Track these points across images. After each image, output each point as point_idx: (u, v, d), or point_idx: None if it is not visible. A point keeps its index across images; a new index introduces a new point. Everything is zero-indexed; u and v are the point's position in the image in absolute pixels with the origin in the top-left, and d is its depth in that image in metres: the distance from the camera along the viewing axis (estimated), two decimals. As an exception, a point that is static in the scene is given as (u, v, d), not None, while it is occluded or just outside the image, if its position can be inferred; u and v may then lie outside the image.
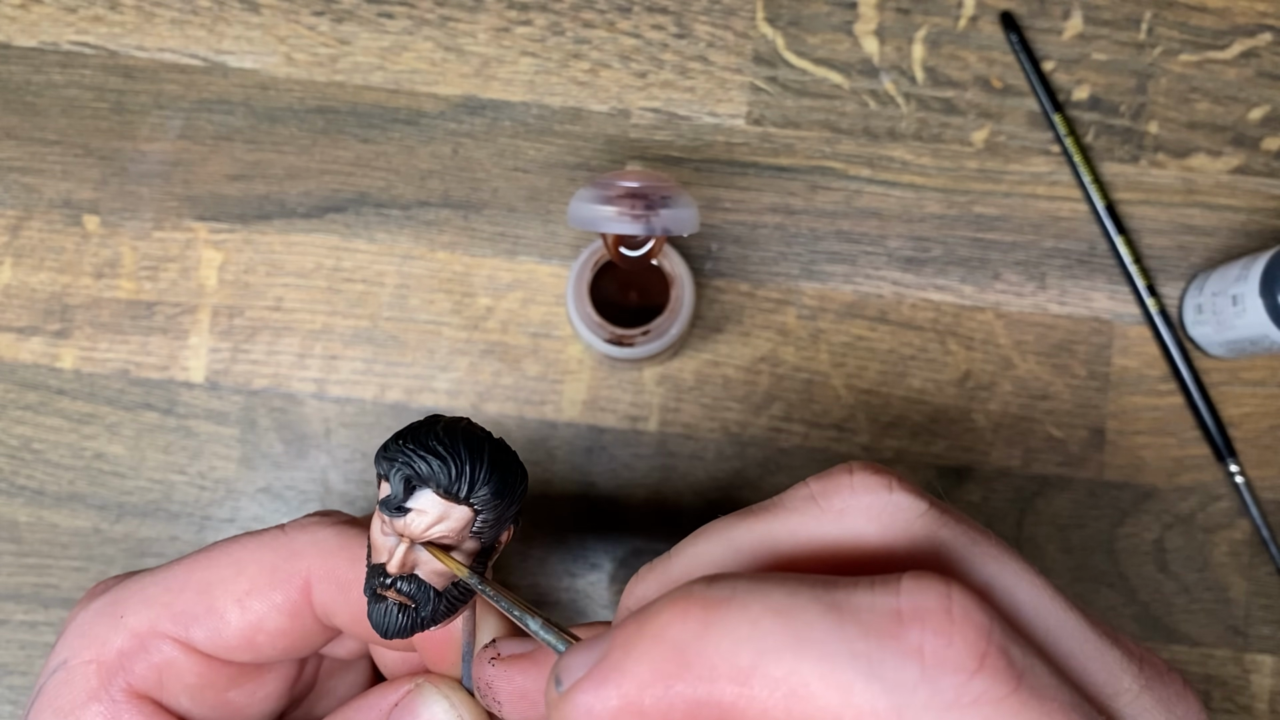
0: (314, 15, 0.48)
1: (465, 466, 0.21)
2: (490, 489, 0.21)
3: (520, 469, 0.22)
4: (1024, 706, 0.15)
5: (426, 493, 0.21)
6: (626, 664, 0.16)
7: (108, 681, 0.23)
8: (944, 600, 0.15)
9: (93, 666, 0.23)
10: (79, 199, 0.48)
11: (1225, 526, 0.47)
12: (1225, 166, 0.48)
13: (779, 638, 0.15)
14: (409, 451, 0.21)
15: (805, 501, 0.19)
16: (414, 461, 0.21)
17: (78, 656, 0.23)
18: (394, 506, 0.21)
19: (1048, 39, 0.49)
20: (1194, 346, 0.48)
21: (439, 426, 0.21)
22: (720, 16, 0.48)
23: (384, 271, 0.48)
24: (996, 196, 0.48)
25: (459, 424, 0.22)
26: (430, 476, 0.21)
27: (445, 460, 0.21)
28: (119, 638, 0.23)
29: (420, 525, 0.21)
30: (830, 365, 0.48)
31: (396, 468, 0.21)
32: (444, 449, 0.21)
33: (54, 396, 0.47)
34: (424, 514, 0.21)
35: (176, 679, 0.23)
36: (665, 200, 0.36)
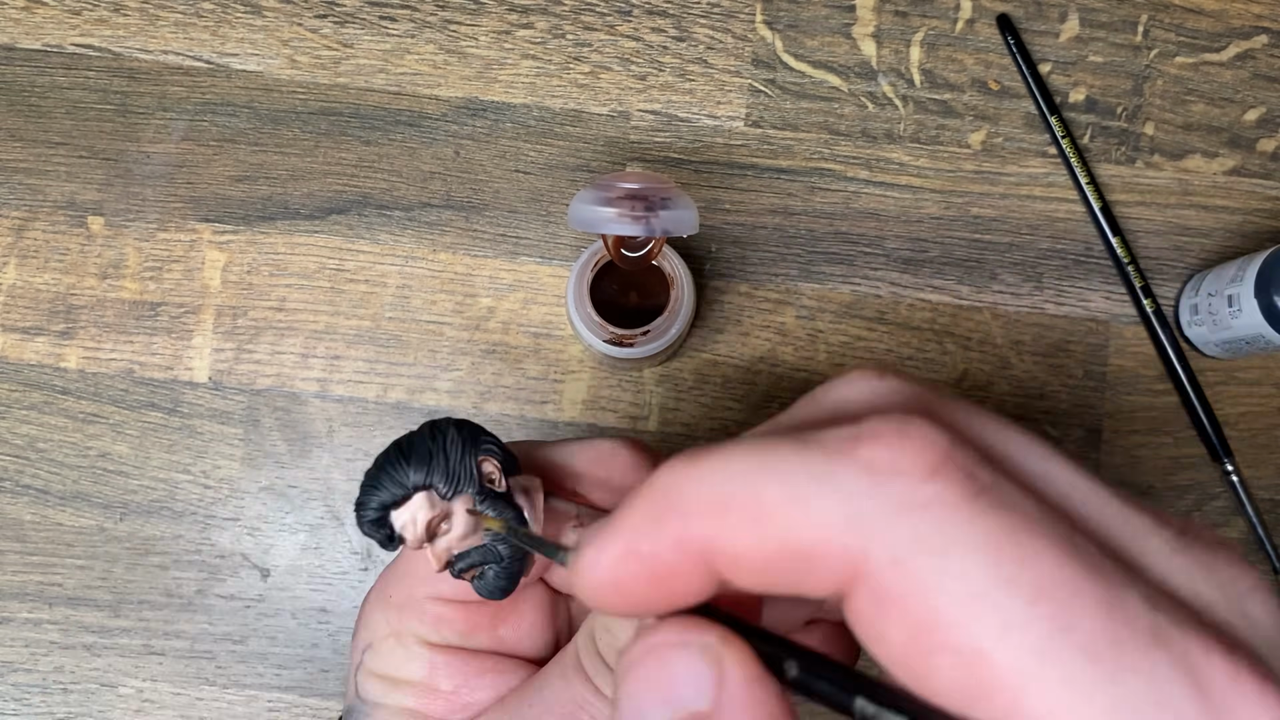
0: (317, 18, 0.49)
1: (385, 477, 0.25)
2: (413, 469, 0.25)
3: (434, 434, 0.25)
4: (981, 514, 0.15)
5: (392, 515, 0.25)
6: (624, 519, 0.17)
7: (408, 646, 0.28)
8: (900, 423, 0.16)
9: (391, 640, 0.28)
10: (84, 200, 0.48)
11: (1221, 525, 0.48)
12: (1221, 168, 0.49)
13: (748, 469, 0.16)
14: (360, 508, 0.25)
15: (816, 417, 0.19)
16: (364, 510, 0.25)
17: (378, 634, 0.28)
18: (386, 544, 0.25)
19: (1044, 41, 0.49)
20: (1190, 346, 0.48)
21: (364, 477, 0.25)
22: (719, 19, 0.49)
23: (386, 272, 0.48)
24: (993, 198, 0.48)
25: (376, 460, 0.25)
26: (378, 507, 0.25)
27: (374, 489, 0.25)
28: (395, 613, 0.28)
29: (414, 533, 0.25)
30: (829, 365, 0.48)
31: (362, 523, 0.25)
32: (369, 483, 0.25)
33: (58, 396, 0.48)
34: (406, 526, 0.25)
35: (449, 627, 0.28)
36: (665, 201, 0.37)
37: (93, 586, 0.47)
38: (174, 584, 0.47)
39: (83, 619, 0.47)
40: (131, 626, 0.47)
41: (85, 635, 0.47)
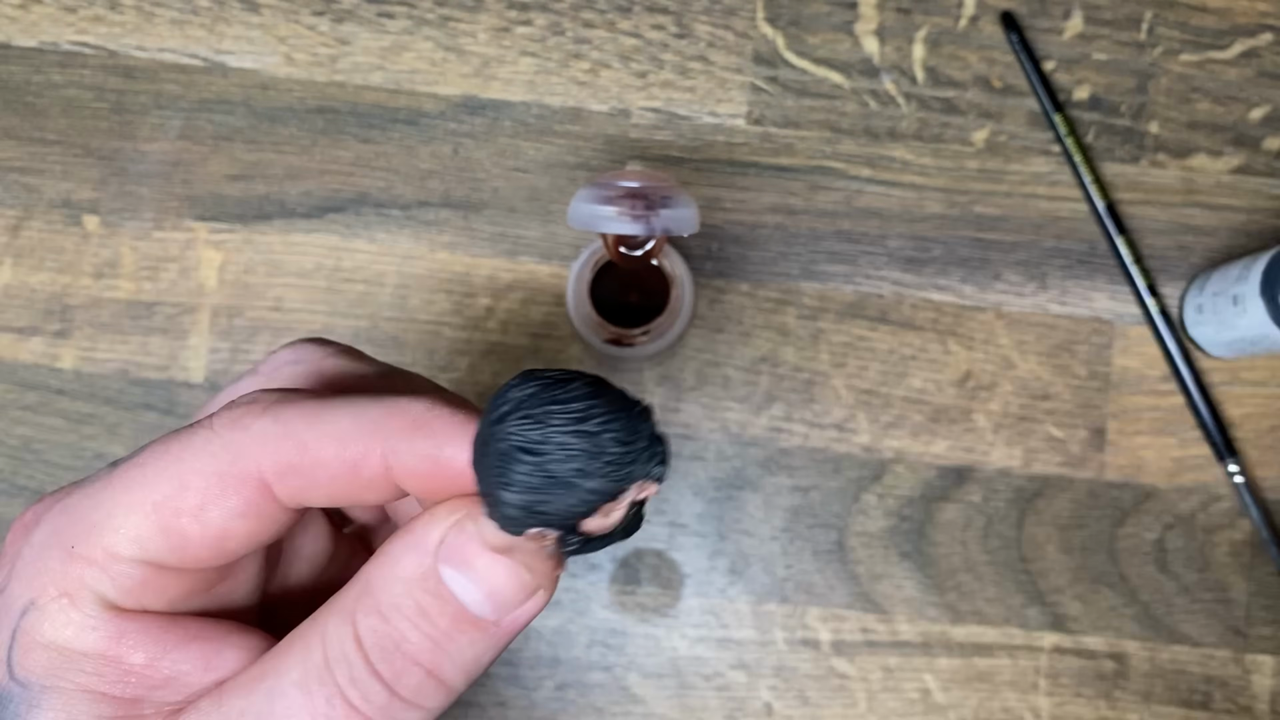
0: (314, 15, 0.48)
1: (611, 467, 0.19)
2: (648, 460, 0.20)
3: (632, 407, 0.20)
4: None
5: (604, 509, 0.20)
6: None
7: (85, 608, 0.22)
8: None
9: (64, 600, 0.22)
10: (79, 199, 0.48)
11: (1226, 527, 0.47)
12: (1226, 166, 0.48)
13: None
14: (567, 505, 0.20)
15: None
16: (573, 507, 0.19)
17: (43, 594, 0.22)
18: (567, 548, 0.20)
19: (1048, 39, 0.49)
20: (1195, 346, 0.48)
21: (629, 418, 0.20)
22: (720, 16, 0.48)
23: (384, 272, 0.48)
24: (997, 196, 0.48)
25: (638, 411, 0.20)
26: (597, 499, 0.19)
27: (602, 473, 0.19)
28: (78, 567, 0.22)
29: (607, 524, 0.20)
30: (830, 365, 0.48)
31: (609, 483, 0.19)
32: (595, 468, 0.19)
33: (54, 397, 0.47)
34: (610, 516, 0.20)
35: (154, 594, 0.22)
36: (665, 200, 0.36)
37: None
38: (170, 586, 0.47)
39: (78, 621, 0.47)
40: (127, 629, 0.46)
41: (80, 638, 0.46)
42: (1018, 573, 0.47)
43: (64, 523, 0.22)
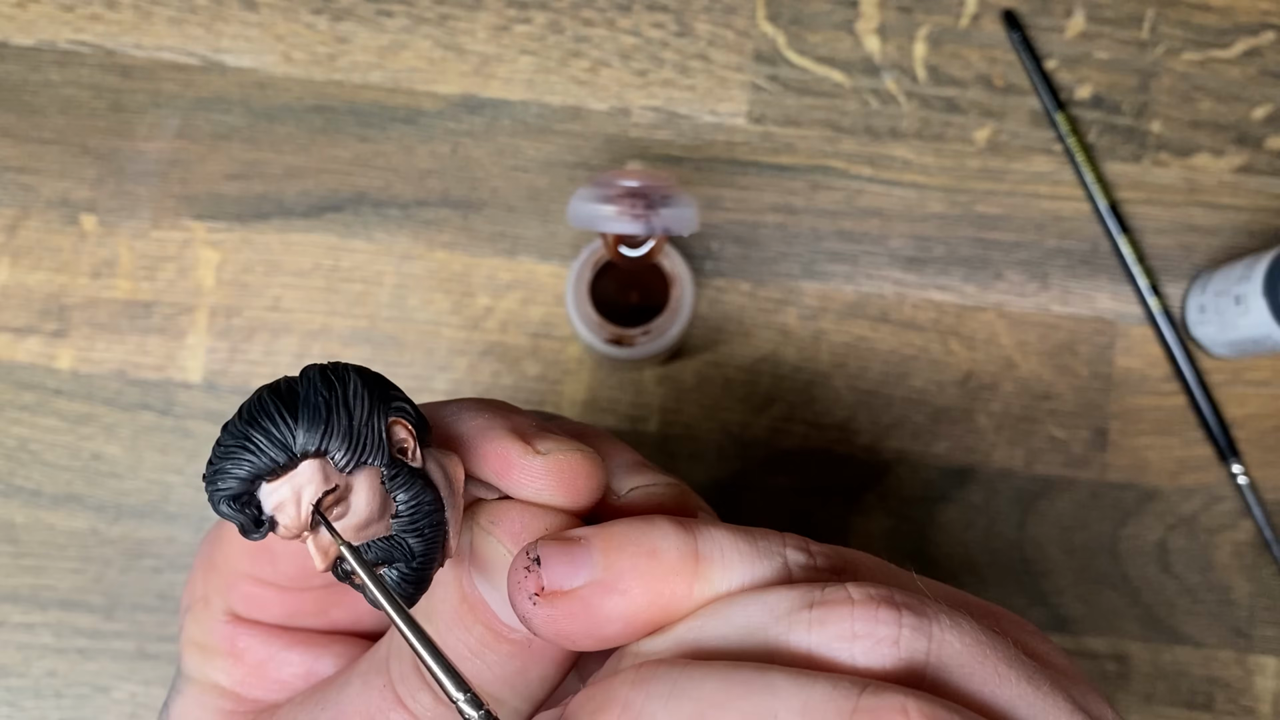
0: (312, 14, 0.48)
1: (260, 437, 0.18)
2: (304, 427, 0.18)
3: (330, 381, 0.19)
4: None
5: (264, 489, 0.18)
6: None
7: (213, 613, 0.25)
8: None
9: (201, 605, 0.25)
10: (76, 198, 0.47)
11: (1228, 527, 0.47)
12: (1228, 166, 0.48)
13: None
14: (212, 477, 0.18)
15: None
16: (219, 479, 0.18)
17: (194, 600, 0.25)
18: (252, 530, 0.18)
19: (1050, 37, 0.48)
20: (1197, 346, 0.48)
21: (222, 431, 0.19)
22: (721, 15, 0.48)
23: (382, 271, 0.47)
24: (999, 196, 0.48)
25: (240, 408, 0.19)
26: (243, 479, 0.18)
27: (241, 451, 0.18)
28: (213, 578, 0.25)
29: (291, 516, 0.18)
30: (831, 365, 0.47)
31: (213, 498, 0.18)
32: (233, 443, 0.18)
33: (51, 397, 0.47)
34: (282, 507, 0.18)
35: (266, 609, 0.24)
36: (665, 199, 0.36)
37: (86, 590, 0.46)
38: (168, 587, 0.46)
39: (76, 622, 0.46)
40: (125, 630, 0.46)
41: (78, 639, 0.46)
42: (1019, 573, 0.47)
43: (214, 535, 0.25)
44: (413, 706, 0.21)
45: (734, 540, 0.20)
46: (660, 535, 0.19)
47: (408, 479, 0.19)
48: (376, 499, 0.19)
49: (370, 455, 0.18)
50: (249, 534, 0.18)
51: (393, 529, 0.19)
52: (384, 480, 0.19)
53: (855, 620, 0.18)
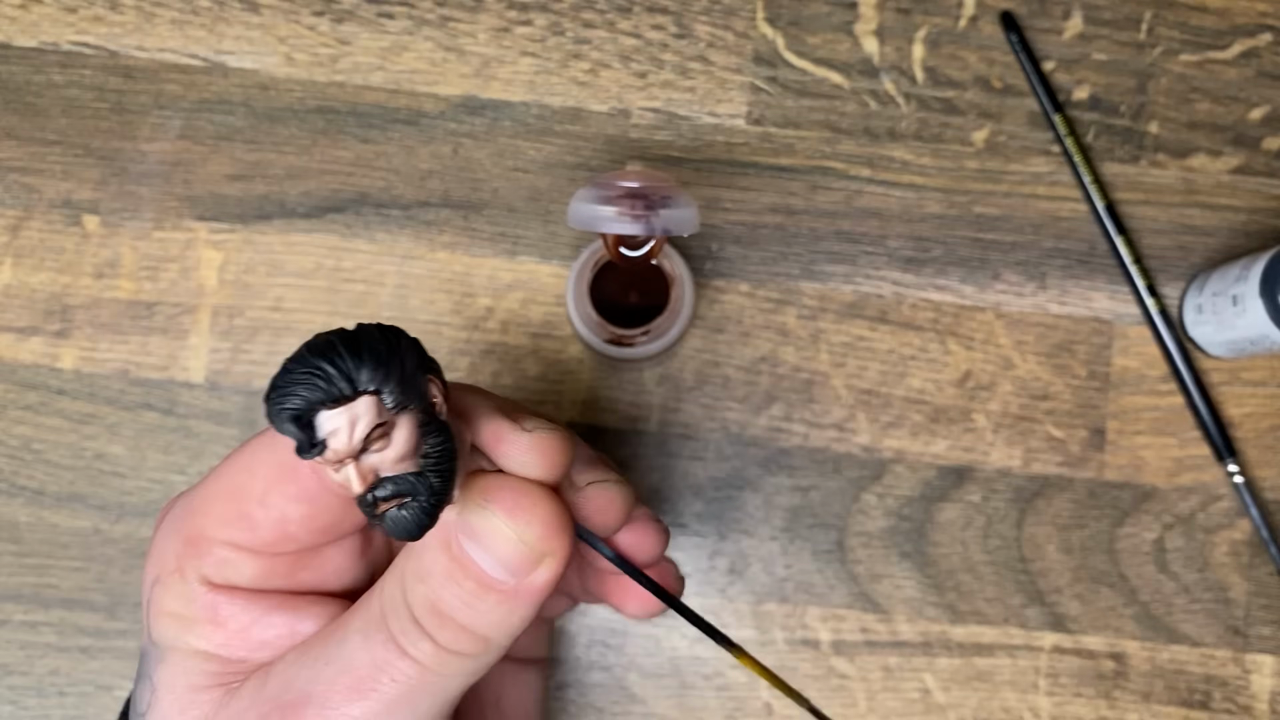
0: (314, 15, 0.48)
1: (330, 369, 0.21)
2: (368, 367, 0.21)
3: (387, 335, 0.22)
4: None
5: (321, 415, 0.21)
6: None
7: (189, 582, 0.26)
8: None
9: (176, 575, 0.26)
10: (79, 199, 0.48)
11: (1225, 527, 0.47)
12: (1225, 166, 0.48)
13: None
14: (279, 396, 0.21)
15: None
16: (286, 399, 0.21)
17: (164, 571, 0.26)
18: (307, 449, 0.21)
19: (1048, 39, 0.49)
20: (1194, 346, 0.48)
21: (288, 361, 0.21)
22: (720, 16, 0.48)
23: (384, 272, 0.48)
24: (997, 196, 0.48)
25: (305, 345, 0.22)
26: (310, 402, 0.21)
27: (311, 377, 0.21)
28: (185, 548, 0.26)
29: (343, 442, 0.21)
30: (830, 365, 0.48)
31: (277, 415, 0.21)
32: (303, 370, 0.21)
33: (54, 397, 0.47)
34: (337, 432, 0.21)
35: (239, 572, 0.26)
36: (665, 200, 0.36)
37: (89, 588, 0.47)
38: (170, 586, 0.47)
39: (79, 621, 0.47)
40: (128, 629, 0.47)
41: (81, 638, 0.47)
42: (1017, 573, 0.47)
43: (180, 509, 0.27)
44: (415, 654, 0.24)
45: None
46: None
47: (438, 427, 0.22)
48: (414, 438, 0.22)
49: (413, 401, 0.22)
50: (303, 452, 0.21)
51: (420, 467, 0.22)
52: (420, 425, 0.22)
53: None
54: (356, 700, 0.24)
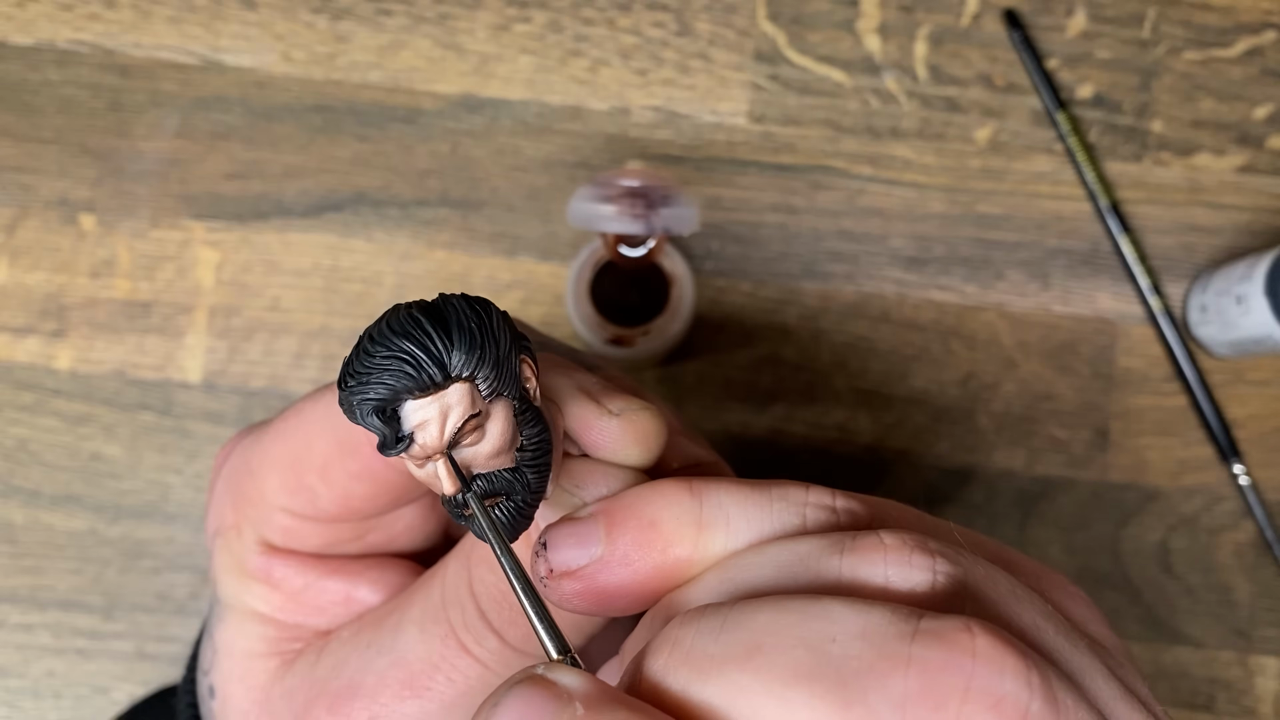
0: (311, 13, 0.48)
1: (419, 351, 0.18)
2: (462, 350, 0.18)
3: (477, 309, 0.19)
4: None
5: (409, 406, 0.18)
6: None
7: (247, 542, 0.25)
8: (973, 637, 0.16)
9: (234, 532, 0.25)
10: (75, 198, 0.47)
11: (1230, 528, 0.47)
12: (1230, 165, 0.48)
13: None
14: (358, 386, 0.18)
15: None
16: (367, 387, 0.18)
17: (224, 524, 0.25)
18: (392, 445, 0.18)
19: (1051, 36, 0.48)
20: (1198, 346, 0.47)
21: (365, 341, 0.18)
22: (721, 14, 0.48)
23: (382, 271, 0.47)
24: (1000, 195, 0.48)
25: (384, 322, 0.19)
26: (396, 391, 0.18)
27: (397, 360, 0.18)
28: (243, 506, 0.24)
29: (433, 436, 0.18)
30: (832, 365, 0.47)
31: (358, 406, 0.18)
32: (385, 354, 0.18)
33: (50, 397, 0.47)
34: (426, 426, 0.18)
35: (302, 540, 0.25)
36: (665, 199, 0.36)
37: (84, 590, 0.46)
38: (167, 587, 0.46)
39: (75, 623, 0.46)
40: (124, 631, 0.46)
41: (77, 639, 0.46)
42: (1020, 574, 0.47)
43: (240, 462, 0.25)
44: (478, 653, 0.22)
45: (742, 501, 0.20)
46: (664, 504, 0.20)
47: (535, 415, 0.19)
48: (509, 431, 0.19)
49: (509, 387, 0.19)
50: (387, 449, 0.18)
51: (516, 462, 0.19)
52: (516, 414, 0.19)
53: (889, 565, 0.18)
54: (409, 699, 0.22)
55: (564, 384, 0.22)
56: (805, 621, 0.16)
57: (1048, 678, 0.16)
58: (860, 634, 0.16)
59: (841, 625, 0.16)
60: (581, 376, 0.22)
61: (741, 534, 0.19)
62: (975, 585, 0.18)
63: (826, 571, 0.18)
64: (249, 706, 0.25)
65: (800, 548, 0.19)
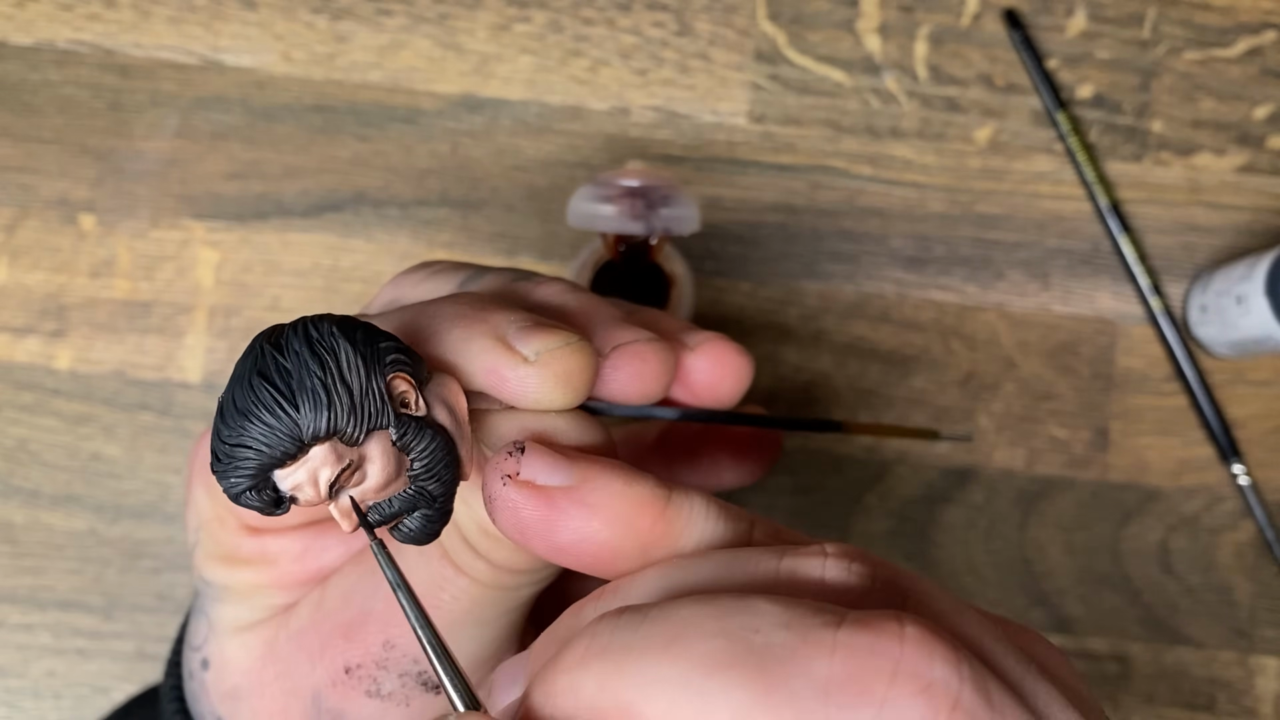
0: (311, 12, 0.48)
1: (268, 432, 0.18)
2: (310, 414, 0.18)
3: (321, 351, 0.18)
4: None
5: (277, 475, 0.18)
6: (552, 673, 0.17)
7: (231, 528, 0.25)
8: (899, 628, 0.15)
9: (216, 523, 0.25)
10: (75, 198, 0.47)
11: (1230, 528, 0.47)
12: (1230, 165, 0.48)
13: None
14: (221, 473, 0.18)
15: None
16: (229, 479, 0.18)
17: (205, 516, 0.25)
18: (275, 510, 0.19)
19: (1051, 36, 0.48)
20: (1198, 346, 0.47)
21: (218, 421, 0.18)
22: (721, 14, 0.48)
23: (382, 271, 0.47)
24: (1000, 195, 0.48)
25: (231, 396, 0.18)
26: (256, 472, 0.18)
27: (246, 449, 0.18)
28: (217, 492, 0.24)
29: (309, 496, 0.19)
30: (832, 365, 0.47)
31: (229, 491, 0.18)
32: (235, 440, 0.18)
33: (50, 397, 0.47)
34: (300, 488, 0.18)
35: (285, 520, 0.24)
36: (665, 199, 0.36)
37: (85, 590, 0.46)
38: (167, 587, 0.46)
39: (75, 623, 0.46)
40: (124, 631, 0.46)
41: (77, 639, 0.46)
42: (1020, 574, 0.47)
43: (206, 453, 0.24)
44: (472, 573, 0.23)
45: (706, 506, 0.20)
46: (639, 479, 0.19)
47: (416, 432, 0.19)
48: (391, 461, 0.19)
49: (377, 421, 0.18)
50: (271, 514, 0.19)
51: (410, 484, 0.19)
52: (394, 441, 0.19)
53: (826, 566, 0.17)
54: None
55: (472, 338, 0.21)
56: (728, 615, 0.16)
57: (980, 672, 0.15)
58: (784, 624, 0.15)
59: (766, 617, 0.16)
60: (499, 319, 0.21)
61: (695, 533, 0.19)
62: (918, 595, 0.17)
63: (763, 572, 0.18)
64: (251, 662, 0.25)
65: (742, 552, 0.18)
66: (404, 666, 0.24)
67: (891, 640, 0.15)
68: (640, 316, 0.25)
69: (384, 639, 0.24)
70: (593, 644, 0.16)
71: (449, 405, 0.20)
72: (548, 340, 0.20)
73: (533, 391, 0.20)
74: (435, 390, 0.20)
